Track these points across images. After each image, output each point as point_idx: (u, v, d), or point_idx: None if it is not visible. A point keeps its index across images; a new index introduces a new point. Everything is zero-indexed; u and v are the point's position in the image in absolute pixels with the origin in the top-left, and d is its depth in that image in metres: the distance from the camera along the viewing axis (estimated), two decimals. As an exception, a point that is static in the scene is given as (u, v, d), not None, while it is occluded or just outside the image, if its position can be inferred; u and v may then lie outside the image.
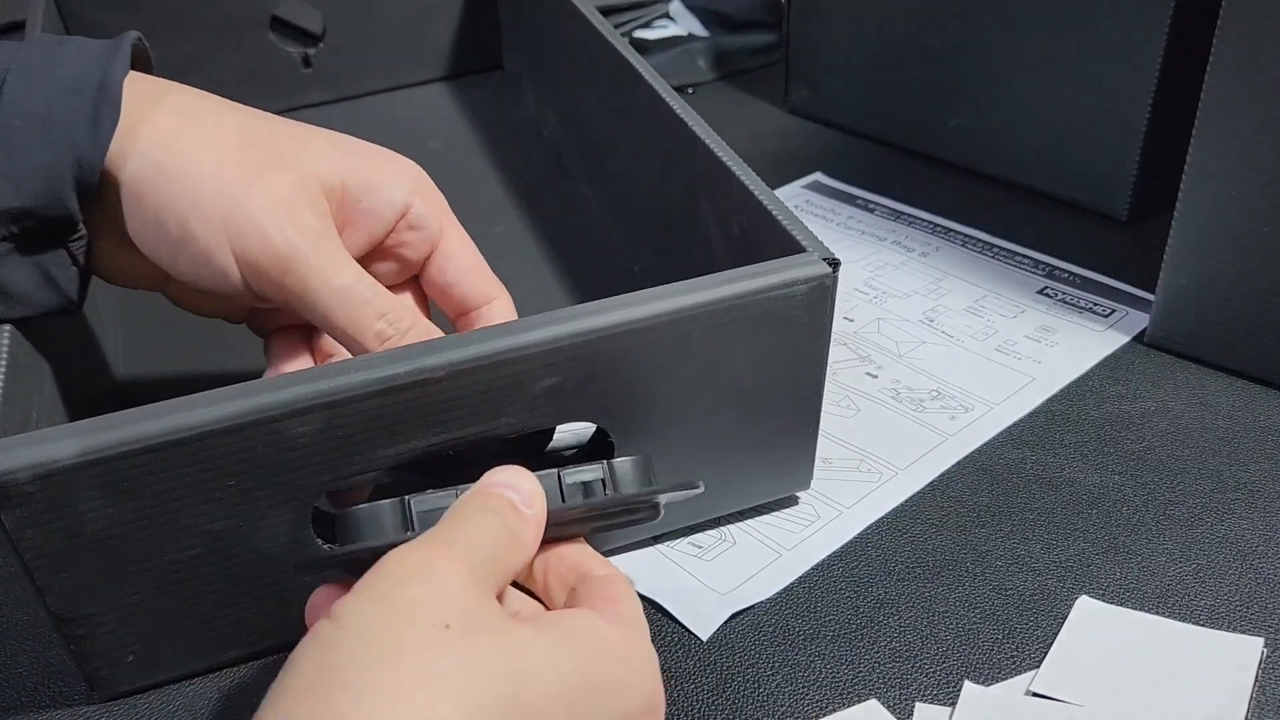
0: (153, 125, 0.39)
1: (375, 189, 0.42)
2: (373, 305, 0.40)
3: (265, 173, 0.39)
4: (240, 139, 0.40)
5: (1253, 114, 0.47)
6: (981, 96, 0.68)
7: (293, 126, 0.42)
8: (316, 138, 0.42)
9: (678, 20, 0.92)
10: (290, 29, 0.79)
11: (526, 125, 0.78)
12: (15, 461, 0.33)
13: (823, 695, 0.39)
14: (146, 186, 0.39)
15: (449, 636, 0.28)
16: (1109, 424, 0.51)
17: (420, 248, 0.43)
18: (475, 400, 0.37)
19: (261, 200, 0.39)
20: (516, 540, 0.33)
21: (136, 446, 0.34)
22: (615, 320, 0.38)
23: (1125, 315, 0.58)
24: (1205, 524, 0.46)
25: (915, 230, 0.66)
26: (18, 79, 0.38)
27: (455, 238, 0.44)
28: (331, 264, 0.39)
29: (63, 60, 0.39)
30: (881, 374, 0.55)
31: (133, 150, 0.38)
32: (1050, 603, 0.43)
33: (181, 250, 0.39)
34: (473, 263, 0.44)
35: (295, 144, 0.41)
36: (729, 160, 0.47)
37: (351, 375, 0.35)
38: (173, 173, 0.38)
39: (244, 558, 0.37)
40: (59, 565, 0.35)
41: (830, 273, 0.40)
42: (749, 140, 0.75)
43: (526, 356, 0.37)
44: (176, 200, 0.38)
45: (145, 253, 0.40)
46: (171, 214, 0.39)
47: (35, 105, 0.38)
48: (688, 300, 0.38)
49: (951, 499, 0.47)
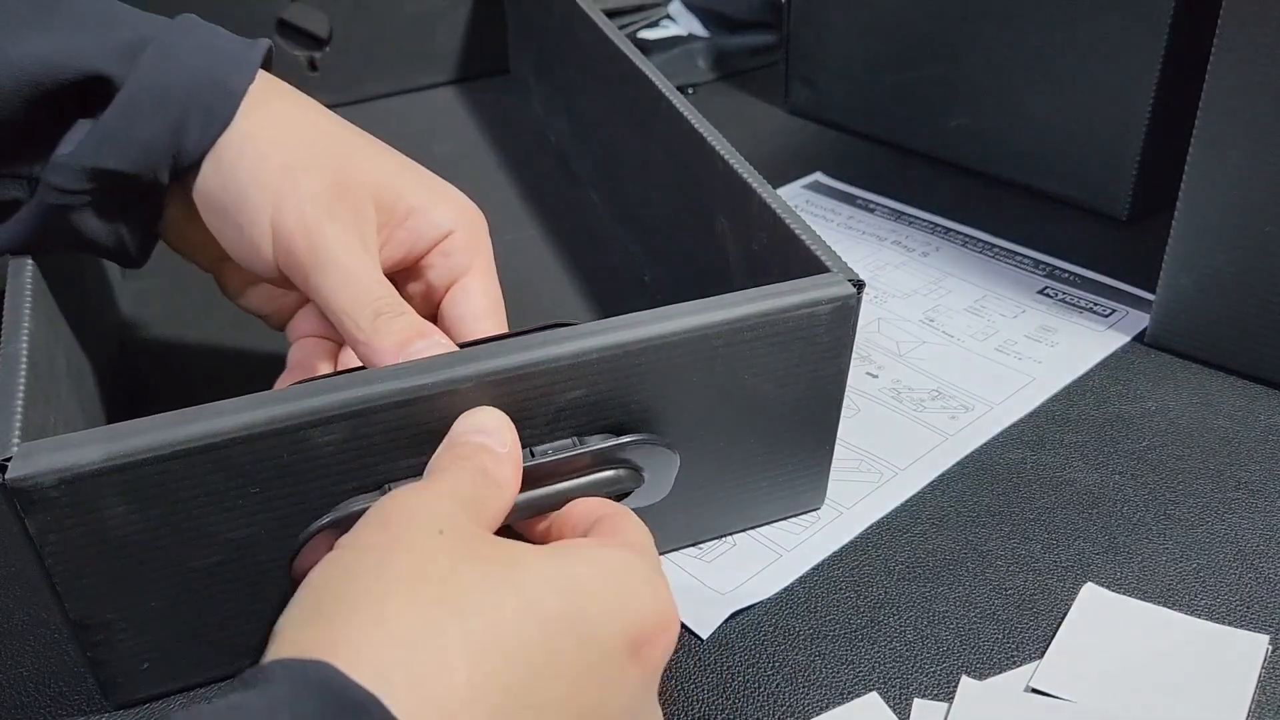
0: (252, 123, 0.41)
1: (425, 212, 0.43)
2: (375, 291, 0.40)
3: (326, 164, 0.41)
4: (319, 138, 0.42)
5: (1253, 113, 0.47)
6: (981, 96, 0.68)
7: (371, 141, 0.44)
8: (387, 154, 0.44)
9: (678, 20, 0.92)
10: (296, 33, 0.79)
11: (533, 130, 0.78)
12: (40, 465, 0.33)
13: (823, 695, 0.39)
14: (226, 170, 0.41)
15: (442, 542, 0.29)
16: (1109, 424, 0.51)
17: (444, 273, 0.44)
18: (501, 411, 0.37)
19: (313, 184, 0.41)
20: (493, 480, 0.34)
21: (161, 452, 0.34)
22: (642, 335, 0.38)
23: (1125, 315, 0.58)
24: (1206, 524, 0.46)
25: (915, 230, 0.66)
26: (156, 54, 0.40)
27: (480, 277, 0.44)
28: (352, 250, 0.40)
29: (201, 49, 0.41)
30: (882, 374, 0.55)
31: (225, 141, 0.41)
32: (1050, 602, 0.43)
33: (230, 218, 0.41)
34: (487, 308, 0.44)
35: (365, 154, 0.43)
36: (749, 177, 0.47)
37: (378, 385, 0.35)
38: (248, 157, 0.41)
39: (265, 566, 0.37)
40: (80, 570, 0.35)
41: (854, 293, 0.40)
42: (749, 140, 0.75)
43: (553, 370, 0.37)
44: (242, 175, 0.41)
45: (200, 213, 0.42)
46: (234, 184, 0.41)
47: (164, 84, 0.40)
48: (714, 317, 0.39)
49: (952, 499, 0.47)
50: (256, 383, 0.36)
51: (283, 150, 0.41)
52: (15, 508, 0.33)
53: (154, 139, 0.40)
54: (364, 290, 0.40)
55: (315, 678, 0.25)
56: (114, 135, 0.40)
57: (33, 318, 0.40)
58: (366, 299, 0.39)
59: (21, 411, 0.35)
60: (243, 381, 0.36)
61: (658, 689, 0.33)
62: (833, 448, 0.45)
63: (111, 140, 0.40)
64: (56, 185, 0.41)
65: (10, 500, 0.33)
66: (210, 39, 0.42)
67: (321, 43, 0.79)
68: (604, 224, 0.67)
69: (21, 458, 0.33)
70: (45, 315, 0.42)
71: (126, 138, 0.40)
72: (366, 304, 0.39)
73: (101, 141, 0.40)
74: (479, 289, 0.44)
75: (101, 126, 0.40)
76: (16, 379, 0.36)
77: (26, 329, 0.39)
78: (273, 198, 0.40)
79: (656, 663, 0.31)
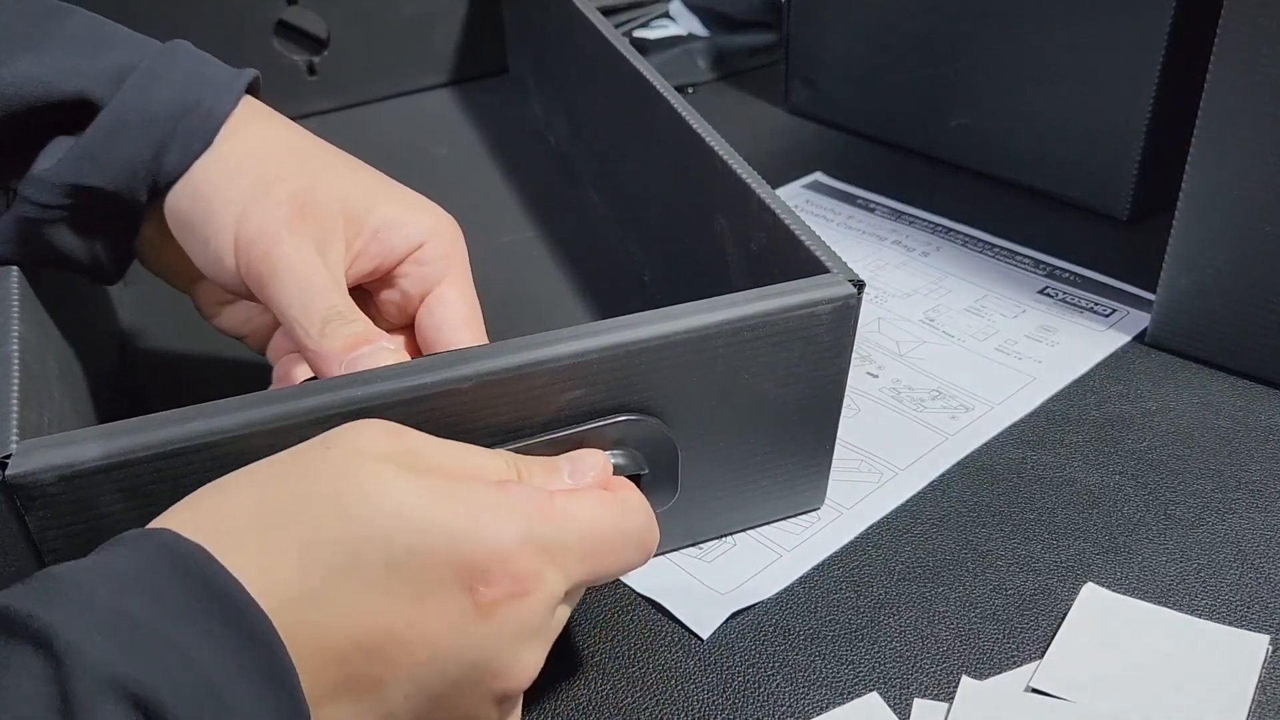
0: (229, 145, 0.42)
1: (396, 225, 0.43)
2: (328, 299, 0.40)
3: (293, 179, 0.42)
4: (289, 155, 0.43)
5: (1254, 113, 0.47)
6: (981, 96, 0.68)
7: (345, 158, 0.45)
8: (360, 170, 0.44)
9: (678, 20, 0.92)
10: (295, 36, 0.78)
11: (532, 130, 0.78)
12: (40, 462, 0.33)
13: (823, 695, 0.39)
14: (195, 187, 0.42)
15: (330, 456, 0.31)
16: (1110, 424, 0.51)
17: (417, 282, 0.44)
18: (500, 411, 0.37)
19: (277, 196, 0.41)
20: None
21: (160, 450, 0.34)
22: (643, 335, 0.38)
23: (1126, 315, 0.58)
24: (1206, 524, 0.46)
25: (916, 230, 0.66)
26: (143, 78, 0.41)
27: (455, 285, 0.44)
28: (308, 260, 0.40)
29: (187, 75, 0.42)
30: (882, 374, 0.55)
31: (199, 161, 0.42)
32: (1051, 602, 0.43)
33: (196, 231, 0.42)
34: (465, 315, 0.44)
35: (335, 169, 0.43)
36: (748, 177, 0.47)
37: (378, 384, 0.35)
38: (219, 174, 0.42)
39: None
40: None
41: (855, 293, 0.40)
42: (749, 140, 0.75)
43: (554, 369, 0.37)
44: (211, 192, 0.41)
45: (170, 226, 0.43)
46: (202, 200, 0.42)
47: (147, 107, 0.41)
48: (714, 318, 0.39)
49: (952, 499, 0.47)
50: (252, 389, 0.36)
51: (253, 166, 0.42)
52: (15, 505, 0.33)
53: (135, 159, 0.41)
54: (316, 298, 0.40)
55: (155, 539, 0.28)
56: (95, 154, 0.40)
57: (21, 321, 0.40)
58: (318, 306, 0.39)
59: (18, 410, 0.35)
60: (240, 386, 0.36)
61: (526, 644, 0.32)
62: (833, 447, 0.45)
63: (92, 158, 0.40)
64: (33, 199, 0.41)
65: (10, 497, 0.33)
66: (198, 66, 0.43)
67: (320, 45, 0.79)
68: (604, 224, 0.67)
69: (21, 455, 0.33)
70: (35, 320, 0.41)
71: (108, 157, 0.41)
72: (317, 311, 0.39)
73: (82, 159, 0.40)
74: (455, 297, 0.44)
75: (83, 144, 0.40)
76: (10, 380, 0.36)
77: (16, 332, 0.39)
78: (238, 212, 0.41)
79: (497, 603, 0.31)
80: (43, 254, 0.43)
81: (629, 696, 0.40)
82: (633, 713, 0.39)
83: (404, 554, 0.30)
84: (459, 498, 0.31)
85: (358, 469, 0.31)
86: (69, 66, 0.40)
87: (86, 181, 0.41)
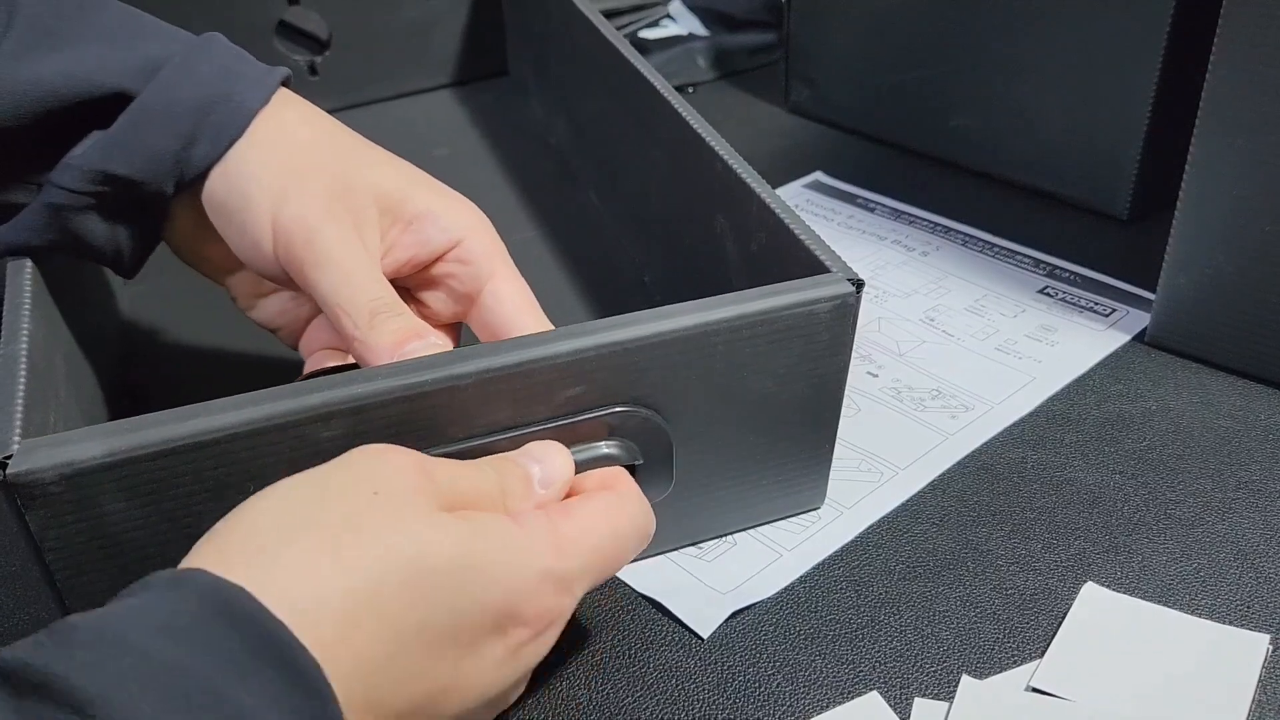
0: (262, 134, 0.42)
1: (432, 218, 0.43)
2: (373, 290, 0.40)
3: (330, 166, 0.42)
4: (325, 143, 0.43)
5: (1254, 113, 0.47)
6: (981, 96, 0.68)
7: (380, 150, 0.45)
8: (395, 162, 0.44)
9: (678, 20, 0.92)
10: (296, 36, 0.79)
11: (533, 131, 0.78)
12: (40, 461, 0.33)
13: (823, 694, 0.39)
14: (232, 176, 0.42)
15: (374, 502, 0.31)
16: (1110, 423, 0.51)
17: (468, 283, 0.44)
18: (500, 408, 0.37)
19: (314, 184, 0.41)
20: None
21: (162, 449, 0.34)
22: (642, 333, 0.38)
23: (1126, 314, 0.58)
24: (1206, 523, 0.46)
25: (916, 229, 0.66)
26: (176, 70, 0.41)
27: (507, 280, 0.44)
28: (350, 248, 0.41)
29: (220, 71, 0.42)
30: (882, 373, 0.55)
31: (233, 150, 0.42)
32: (1051, 602, 0.43)
33: (233, 217, 0.42)
34: (523, 305, 0.44)
35: (370, 159, 0.43)
36: (748, 177, 0.47)
37: (379, 381, 0.35)
38: (255, 163, 0.42)
39: None
40: (80, 567, 0.35)
41: (854, 292, 0.40)
42: (749, 140, 0.75)
43: (553, 367, 0.37)
44: (248, 178, 0.42)
45: (207, 214, 0.43)
46: (239, 186, 0.42)
47: (178, 98, 0.41)
48: (713, 316, 0.39)
49: (952, 498, 0.47)
50: (257, 386, 0.36)
51: (288, 154, 0.42)
52: (16, 504, 0.33)
53: (162, 149, 0.41)
54: (361, 288, 0.40)
55: (190, 580, 0.28)
56: (123, 141, 0.41)
57: (32, 319, 0.40)
58: (363, 297, 0.40)
59: (22, 410, 0.35)
60: (243, 385, 0.36)
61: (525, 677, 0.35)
62: (833, 447, 0.45)
63: (120, 146, 0.41)
64: (61, 184, 0.41)
65: (11, 496, 0.33)
66: (231, 61, 0.43)
67: (321, 46, 0.79)
68: (604, 224, 0.67)
69: (22, 454, 0.33)
70: (44, 316, 0.42)
71: (135, 145, 0.41)
72: (364, 302, 0.39)
73: (111, 146, 0.41)
74: (509, 291, 0.44)
75: (112, 133, 0.41)
76: (16, 379, 0.36)
77: (26, 330, 0.39)
78: (275, 197, 0.41)
79: (524, 644, 0.33)
80: (66, 242, 0.43)
81: (629, 696, 0.40)
82: (633, 712, 0.39)
83: (468, 606, 0.31)
84: (499, 544, 0.32)
85: (414, 520, 0.31)
86: (105, 62, 0.41)
87: (112, 169, 0.41)
